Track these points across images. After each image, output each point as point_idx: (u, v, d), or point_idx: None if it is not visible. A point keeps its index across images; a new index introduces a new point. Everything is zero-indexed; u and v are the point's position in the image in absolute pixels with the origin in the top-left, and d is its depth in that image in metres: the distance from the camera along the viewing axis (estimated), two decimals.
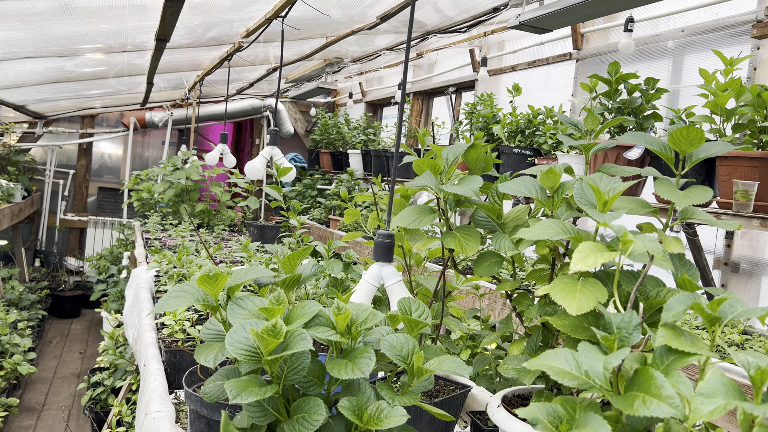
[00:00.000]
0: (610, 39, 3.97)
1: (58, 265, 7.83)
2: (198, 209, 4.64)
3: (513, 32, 4.66)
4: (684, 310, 0.82)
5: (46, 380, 5.25)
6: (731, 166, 2.49)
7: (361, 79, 7.48)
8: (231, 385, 0.91)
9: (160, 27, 2.33)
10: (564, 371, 0.82)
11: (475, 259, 1.31)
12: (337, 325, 1.03)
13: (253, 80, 5.55)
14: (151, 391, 1.65)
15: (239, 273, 1.10)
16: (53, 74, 4.25)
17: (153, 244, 3.79)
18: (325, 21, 3.10)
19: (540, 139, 3.72)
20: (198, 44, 3.58)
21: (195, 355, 1.03)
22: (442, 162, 1.36)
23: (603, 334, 0.81)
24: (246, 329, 0.95)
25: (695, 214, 1.19)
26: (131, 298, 2.99)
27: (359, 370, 0.97)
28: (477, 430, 1.57)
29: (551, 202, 1.21)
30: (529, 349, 1.24)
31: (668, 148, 1.19)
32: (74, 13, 2.32)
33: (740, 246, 3.02)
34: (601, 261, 0.86)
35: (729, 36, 3.18)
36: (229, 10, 2.64)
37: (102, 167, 8.35)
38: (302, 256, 1.22)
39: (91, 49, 3.37)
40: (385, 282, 1.44)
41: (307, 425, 0.94)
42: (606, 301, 1.04)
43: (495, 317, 3.11)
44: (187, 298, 1.06)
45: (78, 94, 5.91)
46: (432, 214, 1.35)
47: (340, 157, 6.91)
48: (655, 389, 0.73)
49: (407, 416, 0.96)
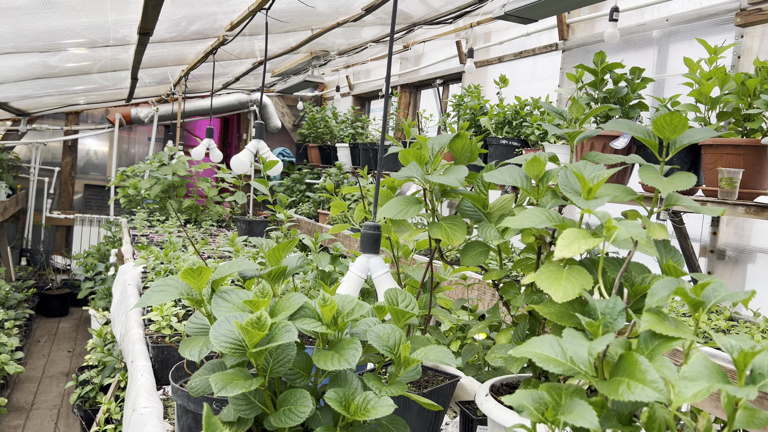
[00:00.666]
0: (596, 29, 3.97)
1: (44, 264, 7.76)
2: (185, 205, 4.61)
3: (499, 23, 4.66)
4: (668, 295, 0.82)
5: (34, 379, 5.21)
6: (716, 154, 2.50)
7: (348, 72, 7.45)
8: (216, 379, 0.91)
9: (142, 20, 2.30)
10: (549, 358, 0.82)
11: (462, 249, 1.31)
12: (323, 316, 1.02)
13: (239, 74, 5.51)
14: (139, 387, 1.64)
15: (224, 266, 1.09)
16: (36, 70, 4.20)
17: (140, 241, 3.76)
18: (310, 13, 3.08)
19: (527, 130, 3.73)
20: (182, 38, 3.54)
21: (180, 349, 1.02)
22: (427, 152, 1.35)
23: (587, 320, 0.81)
24: (230, 322, 0.95)
25: (680, 201, 1.19)
26: (118, 295, 2.97)
27: (346, 361, 0.97)
28: (466, 420, 1.58)
29: (536, 191, 1.21)
30: (516, 338, 1.24)
31: (652, 135, 1.19)
32: (54, 6, 2.29)
33: (726, 233, 3.05)
34: (584, 247, 0.86)
35: (713, 25, 3.20)
36: (213, 2, 2.61)
37: (88, 164, 8.27)
38: (287, 249, 1.22)
39: (74, 43, 3.33)
40: (372, 274, 1.44)
41: (293, 417, 0.93)
42: (592, 288, 1.04)
43: (484, 307, 3.11)
44: (171, 292, 1.05)
45: (62, 91, 5.84)
46: (418, 205, 1.35)
47: (328, 151, 6.89)
48: (639, 374, 0.73)
49: (394, 406, 0.96)
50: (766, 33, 2.94)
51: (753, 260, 2.99)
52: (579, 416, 0.74)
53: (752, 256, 2.98)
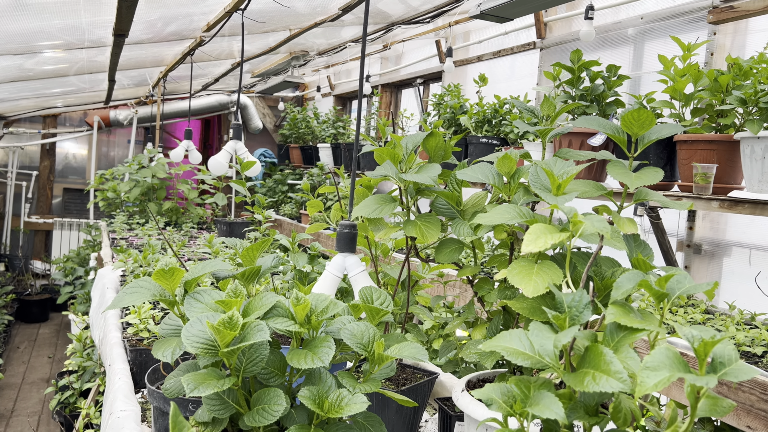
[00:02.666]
0: (573, 27, 4.01)
1: (23, 269, 7.65)
2: (165, 207, 4.58)
3: (478, 22, 4.68)
4: (633, 288, 0.83)
5: (14, 386, 5.14)
6: (691, 150, 2.54)
7: (329, 72, 7.44)
8: (188, 379, 0.91)
9: (117, 22, 2.28)
10: (518, 351, 0.83)
11: (437, 247, 1.32)
12: (296, 315, 1.02)
13: (218, 75, 5.48)
14: (116, 391, 1.63)
15: (196, 267, 1.09)
16: (11, 73, 4.14)
17: (119, 244, 3.73)
18: (288, 13, 3.07)
19: (506, 128, 3.75)
20: (158, 39, 3.51)
21: (153, 351, 1.02)
22: (401, 151, 1.36)
23: (554, 313, 0.82)
24: (202, 322, 0.95)
25: (649, 195, 1.21)
26: (97, 299, 2.95)
27: (319, 359, 0.97)
28: (444, 416, 1.59)
29: (508, 188, 1.22)
30: (490, 333, 1.26)
31: (621, 131, 1.21)
32: (26, 8, 2.26)
33: (702, 228, 3.10)
34: (551, 242, 0.87)
35: (687, 22, 3.25)
36: (189, 3, 2.60)
37: (66, 168, 8.17)
38: (261, 249, 1.22)
39: (49, 45, 3.29)
40: (348, 272, 1.45)
41: (267, 416, 0.93)
42: (560, 282, 1.06)
43: (464, 304, 3.13)
44: (143, 294, 1.05)
45: (39, 93, 5.76)
46: (393, 203, 1.35)
47: (310, 152, 6.87)
48: (604, 365, 0.75)
49: (367, 403, 0.96)
50: (738, 30, 2.99)
51: (728, 254, 3.05)
52: (546, 408, 0.75)
53: (728, 249, 3.03)
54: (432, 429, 1.72)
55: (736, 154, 2.42)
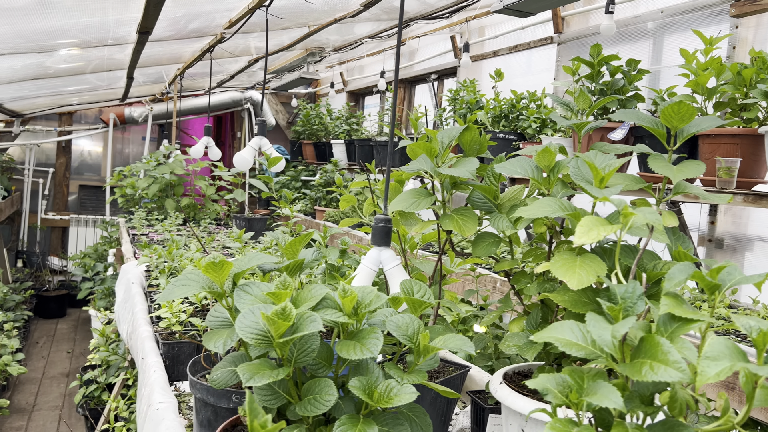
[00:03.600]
0: (591, 22, 4.00)
1: (41, 265, 7.73)
2: (183, 204, 4.61)
3: (494, 18, 4.68)
4: (685, 279, 0.84)
5: (34, 381, 5.20)
6: (714, 144, 2.53)
7: (342, 68, 7.45)
8: (243, 369, 0.92)
9: (143, 19, 2.30)
10: (571, 342, 0.84)
11: (473, 240, 1.33)
12: (344, 307, 1.04)
13: (234, 72, 5.51)
14: (152, 383, 1.65)
15: (243, 260, 1.11)
16: (31, 71, 4.18)
17: (140, 240, 3.76)
18: (308, 9, 3.08)
19: (524, 123, 3.75)
20: (180, 36, 3.54)
21: (204, 341, 1.03)
22: (437, 145, 1.37)
23: (608, 304, 0.83)
24: (255, 314, 0.96)
25: (688, 189, 1.22)
26: (122, 294, 2.98)
27: (368, 350, 0.99)
28: (477, 409, 1.60)
29: (547, 181, 1.23)
30: (529, 326, 1.27)
31: (660, 125, 1.22)
32: (55, 6, 2.28)
33: (724, 222, 3.09)
34: (603, 234, 0.88)
35: (708, 16, 3.23)
36: (213, 0, 2.61)
37: (82, 165, 8.23)
38: (303, 242, 1.23)
39: (71, 44, 3.32)
40: (384, 266, 1.46)
41: (319, 405, 0.95)
42: (604, 275, 1.06)
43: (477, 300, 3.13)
44: (192, 286, 1.06)
45: (56, 91, 5.81)
46: (429, 197, 1.37)
47: (323, 148, 6.89)
48: (662, 355, 0.76)
49: (417, 393, 0.98)
50: (761, 23, 2.97)
51: (750, 248, 3.03)
52: (604, 397, 0.76)
53: (750, 244, 3.02)
54: (463, 421, 1.73)
55: (760, 148, 2.41)
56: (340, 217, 5.37)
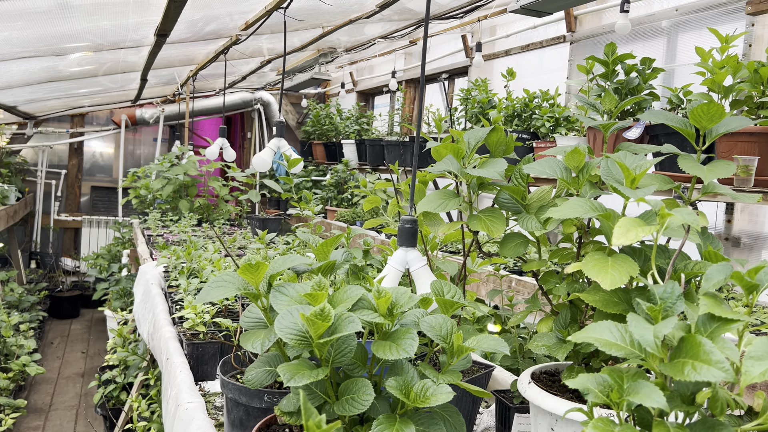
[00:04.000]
0: (604, 21, 3.99)
1: (54, 266, 7.79)
2: (197, 204, 4.64)
3: (505, 17, 4.68)
4: (724, 279, 0.85)
5: (50, 381, 5.25)
6: (731, 143, 2.53)
7: (352, 68, 7.46)
8: (284, 369, 0.94)
9: (162, 22, 2.32)
10: (610, 342, 0.85)
11: (501, 241, 1.34)
12: (379, 308, 1.05)
13: (245, 73, 5.53)
14: (180, 384, 1.67)
15: (277, 262, 1.12)
16: (46, 74, 4.22)
17: (156, 241, 3.79)
18: (325, 11, 3.10)
19: (537, 122, 3.75)
20: (196, 38, 3.56)
21: (241, 342, 1.05)
22: (464, 146, 1.38)
23: (648, 304, 0.84)
24: (293, 314, 0.97)
25: (716, 189, 1.22)
26: (140, 294, 3.00)
27: (404, 351, 1.00)
28: (502, 408, 1.61)
29: (576, 182, 1.23)
30: (558, 326, 1.27)
31: (688, 125, 1.22)
32: (76, 10, 2.30)
33: (740, 221, 3.08)
34: (642, 235, 0.89)
35: (723, 14, 3.22)
36: (232, 2, 2.63)
37: (94, 166, 8.29)
38: (335, 243, 1.24)
39: (88, 46, 3.35)
40: (410, 267, 1.47)
41: (357, 405, 0.96)
42: (636, 275, 1.07)
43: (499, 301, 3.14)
44: (228, 288, 1.08)
45: (68, 93, 5.86)
46: (456, 198, 1.37)
47: (333, 148, 6.90)
48: (704, 355, 0.76)
49: (453, 393, 0.99)
50: None
51: (767, 247, 3.03)
52: (647, 396, 0.77)
53: (767, 242, 3.01)
54: (487, 421, 1.74)
55: None
56: (352, 218, 5.39)
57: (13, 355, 4.34)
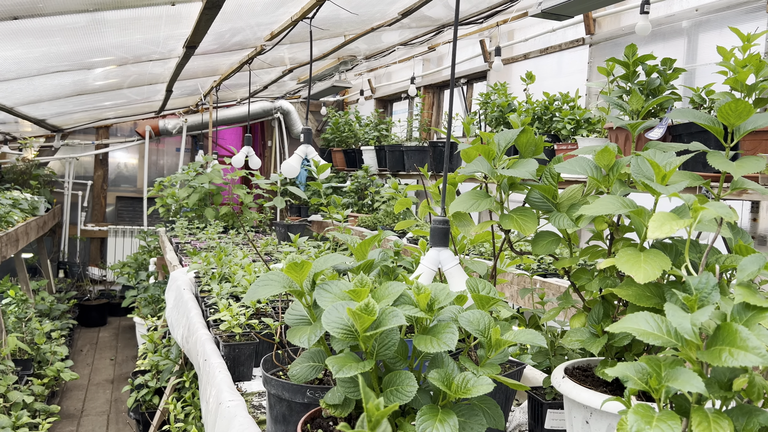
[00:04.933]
0: (623, 22, 4.01)
1: (82, 275, 7.95)
2: (222, 212, 4.72)
3: (523, 21, 4.71)
4: (758, 270, 0.88)
5: (81, 387, 5.36)
6: (755, 141, 2.53)
7: (370, 75, 7.53)
8: (332, 362, 0.98)
9: (192, 34, 2.40)
10: (647, 332, 0.88)
11: (533, 239, 1.37)
12: (419, 303, 1.09)
13: (267, 82, 5.62)
14: (219, 383, 1.72)
15: (320, 261, 1.17)
16: (76, 87, 4.34)
17: (184, 248, 3.87)
18: (346, 20, 3.16)
19: (558, 124, 3.77)
20: (222, 50, 3.65)
21: (288, 336, 1.10)
22: (494, 147, 1.42)
23: (684, 295, 0.87)
24: (339, 310, 1.02)
25: (746, 185, 1.25)
26: (172, 300, 3.07)
27: (444, 344, 1.04)
28: (535, 405, 1.64)
29: (607, 180, 1.27)
30: (591, 321, 1.30)
31: (717, 122, 1.25)
32: (111, 24, 2.39)
33: (766, 219, 3.07)
34: (676, 228, 0.92)
35: (744, 13, 3.22)
36: (260, 14, 2.71)
37: (119, 177, 8.45)
38: (372, 243, 1.29)
39: (117, 60, 3.45)
40: (443, 266, 1.51)
41: (401, 396, 1.00)
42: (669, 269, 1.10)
43: (524, 302, 3.16)
44: (274, 286, 1.13)
45: (95, 106, 6.00)
46: (488, 198, 1.41)
47: (352, 155, 6.97)
48: (740, 342, 0.79)
49: (493, 385, 1.02)
50: None
51: None
52: (686, 382, 0.80)
53: None
54: (519, 417, 1.77)
55: None
56: (373, 223, 5.43)
57: (47, 361, 4.44)
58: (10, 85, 3.59)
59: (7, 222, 4.50)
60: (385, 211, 5.36)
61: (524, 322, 2.04)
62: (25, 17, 2.08)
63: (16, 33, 2.37)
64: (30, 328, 4.67)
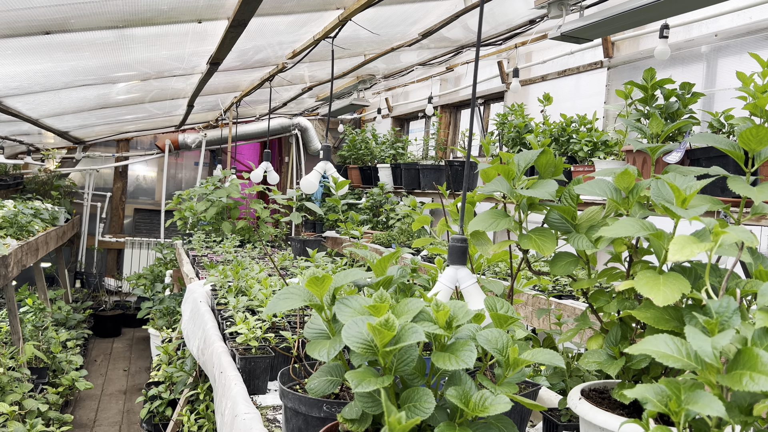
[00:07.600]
0: (641, 46, 4.02)
1: (98, 286, 8.03)
2: (239, 226, 4.76)
3: (541, 43, 4.74)
4: None
5: (94, 397, 5.39)
6: None
7: (387, 94, 7.60)
8: (351, 376, 0.99)
9: (217, 51, 2.45)
10: (666, 354, 0.89)
11: (552, 260, 1.38)
12: (438, 320, 1.10)
13: (286, 99, 5.70)
14: (235, 396, 1.73)
15: (340, 276, 1.18)
16: (99, 101, 4.43)
17: (201, 261, 3.90)
18: (366, 40, 3.21)
19: (575, 146, 3.78)
20: (244, 66, 3.72)
21: (307, 350, 1.11)
22: (514, 168, 1.43)
23: (704, 318, 0.88)
24: (359, 324, 1.03)
25: (766, 210, 1.25)
26: (188, 312, 3.10)
27: (462, 362, 1.05)
28: (549, 426, 1.63)
29: (626, 202, 1.27)
30: (608, 343, 1.30)
31: (737, 147, 1.25)
32: (139, 40, 2.46)
33: None
34: (696, 251, 0.92)
35: (764, 39, 3.23)
36: (283, 32, 2.76)
37: (137, 189, 8.57)
38: (391, 260, 1.30)
39: (141, 75, 3.52)
40: (460, 284, 1.52)
41: (419, 412, 1.01)
42: (688, 292, 1.10)
43: (538, 322, 3.15)
44: (295, 299, 1.14)
45: (117, 119, 6.11)
46: (507, 218, 1.42)
47: (368, 172, 7.00)
48: (761, 366, 0.79)
49: (510, 404, 1.03)
50: None
51: None
52: (706, 406, 0.80)
53: None
54: None
55: None
56: (387, 240, 5.45)
57: (62, 370, 4.48)
58: (37, 97, 3.68)
59: (28, 231, 4.58)
60: (399, 229, 5.38)
61: (538, 343, 2.04)
62: (56, 32, 2.15)
63: (47, 47, 2.44)
64: (46, 337, 4.72)
